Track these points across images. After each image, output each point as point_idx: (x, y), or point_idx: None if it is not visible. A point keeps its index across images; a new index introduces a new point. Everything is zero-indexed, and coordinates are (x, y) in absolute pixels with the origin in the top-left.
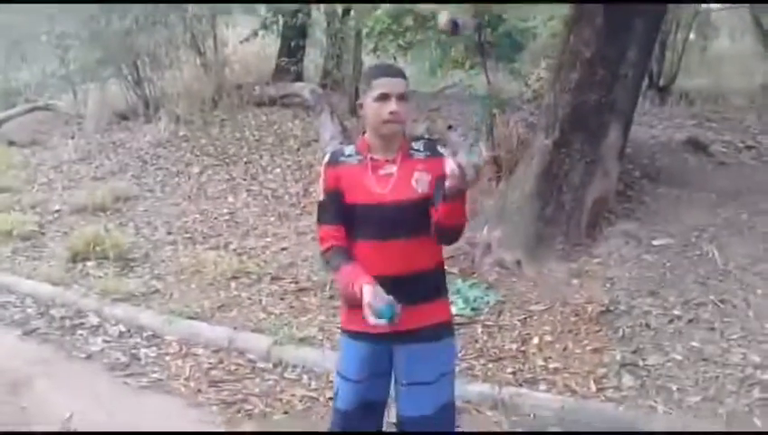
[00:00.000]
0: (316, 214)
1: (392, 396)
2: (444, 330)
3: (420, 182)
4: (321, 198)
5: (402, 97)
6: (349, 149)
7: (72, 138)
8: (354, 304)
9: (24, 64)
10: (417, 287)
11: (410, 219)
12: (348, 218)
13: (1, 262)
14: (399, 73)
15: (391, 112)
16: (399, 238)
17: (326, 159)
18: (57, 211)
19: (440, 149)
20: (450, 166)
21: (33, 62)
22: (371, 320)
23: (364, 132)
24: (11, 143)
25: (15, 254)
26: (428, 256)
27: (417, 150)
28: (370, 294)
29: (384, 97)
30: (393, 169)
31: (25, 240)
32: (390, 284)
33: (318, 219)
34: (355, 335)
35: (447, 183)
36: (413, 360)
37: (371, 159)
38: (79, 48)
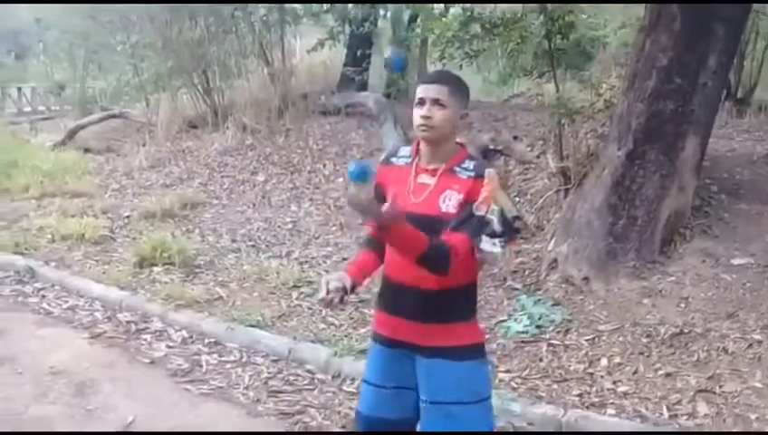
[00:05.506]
0: None
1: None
2: (469, 352)
3: (447, 200)
4: None
5: (437, 102)
6: (405, 150)
7: (144, 145)
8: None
9: (100, 73)
10: (436, 303)
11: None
12: None
13: (73, 265)
14: (438, 80)
15: (422, 116)
16: None
17: (382, 155)
18: (127, 217)
19: (488, 171)
20: None
21: (109, 71)
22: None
23: None
24: (86, 150)
25: (86, 258)
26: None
27: (465, 169)
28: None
29: (420, 102)
30: (432, 180)
31: (96, 244)
32: (409, 293)
33: None
34: (375, 337)
35: None
36: (433, 375)
37: (417, 165)
38: (152, 58)
